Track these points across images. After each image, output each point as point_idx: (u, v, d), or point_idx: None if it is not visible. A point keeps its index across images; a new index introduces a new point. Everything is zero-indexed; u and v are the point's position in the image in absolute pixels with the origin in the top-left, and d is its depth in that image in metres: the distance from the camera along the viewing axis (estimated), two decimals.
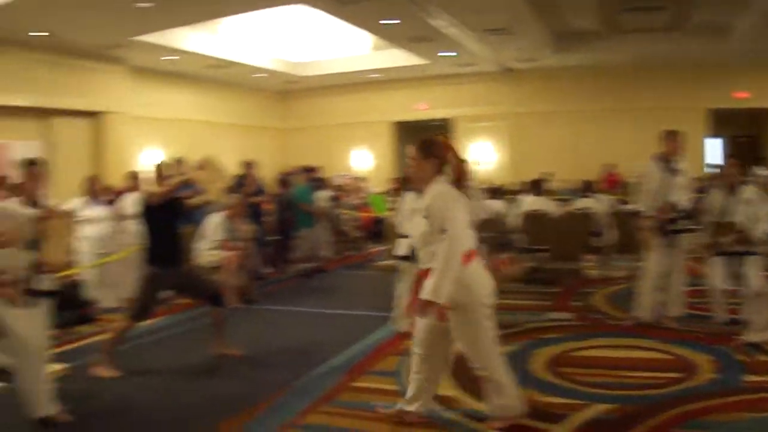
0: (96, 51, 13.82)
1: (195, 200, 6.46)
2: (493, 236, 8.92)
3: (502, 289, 8.84)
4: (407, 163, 4.37)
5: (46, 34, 12.06)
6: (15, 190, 6.65)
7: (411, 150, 4.30)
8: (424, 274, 4.13)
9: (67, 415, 4.76)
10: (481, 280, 4.16)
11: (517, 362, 5.70)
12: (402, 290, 6.71)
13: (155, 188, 6.12)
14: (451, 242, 3.96)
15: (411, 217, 5.47)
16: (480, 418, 4.45)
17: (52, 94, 13.44)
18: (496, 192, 11.21)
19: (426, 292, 4.00)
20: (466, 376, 4.54)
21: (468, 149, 19.38)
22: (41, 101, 13.29)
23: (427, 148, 4.23)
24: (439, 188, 4.12)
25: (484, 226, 8.31)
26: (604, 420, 4.43)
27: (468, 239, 4.11)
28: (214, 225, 8.83)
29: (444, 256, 3.94)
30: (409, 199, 6.32)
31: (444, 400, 4.81)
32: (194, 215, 8.12)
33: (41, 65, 13.20)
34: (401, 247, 6.45)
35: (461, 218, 4.06)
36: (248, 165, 11.47)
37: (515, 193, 12.07)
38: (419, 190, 6.56)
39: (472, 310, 4.08)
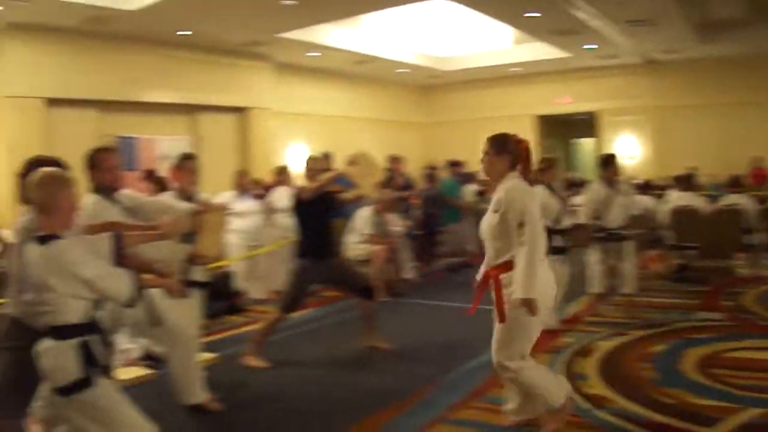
0: (240, 48, 14.19)
1: (347, 195, 6.47)
2: (643, 233, 8.55)
3: (651, 287, 8.52)
4: (481, 158, 4.29)
5: (190, 32, 12.49)
6: (161, 182, 6.86)
7: (484, 145, 4.24)
8: (492, 272, 4.07)
9: (216, 403, 4.85)
10: (543, 285, 3.98)
11: (668, 362, 5.70)
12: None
13: (308, 183, 6.13)
14: (534, 234, 3.88)
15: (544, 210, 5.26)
16: (631, 417, 4.41)
17: (198, 91, 13.87)
18: (644, 187, 10.74)
19: (519, 292, 3.84)
20: (616, 375, 4.33)
21: (613, 143, 18.84)
22: (188, 98, 13.75)
23: (501, 144, 4.18)
24: (514, 183, 4.05)
25: (634, 222, 7.96)
26: (758, 424, 4.32)
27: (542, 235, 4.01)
28: (363, 219, 8.95)
29: (529, 248, 3.85)
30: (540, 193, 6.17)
31: (594, 399, 4.77)
32: (345, 209, 8.16)
33: (188, 63, 13.64)
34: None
35: (537, 213, 3.98)
36: (394, 160, 11.47)
37: (663, 188, 11.71)
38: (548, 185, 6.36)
39: (517, 305, 3.88)
